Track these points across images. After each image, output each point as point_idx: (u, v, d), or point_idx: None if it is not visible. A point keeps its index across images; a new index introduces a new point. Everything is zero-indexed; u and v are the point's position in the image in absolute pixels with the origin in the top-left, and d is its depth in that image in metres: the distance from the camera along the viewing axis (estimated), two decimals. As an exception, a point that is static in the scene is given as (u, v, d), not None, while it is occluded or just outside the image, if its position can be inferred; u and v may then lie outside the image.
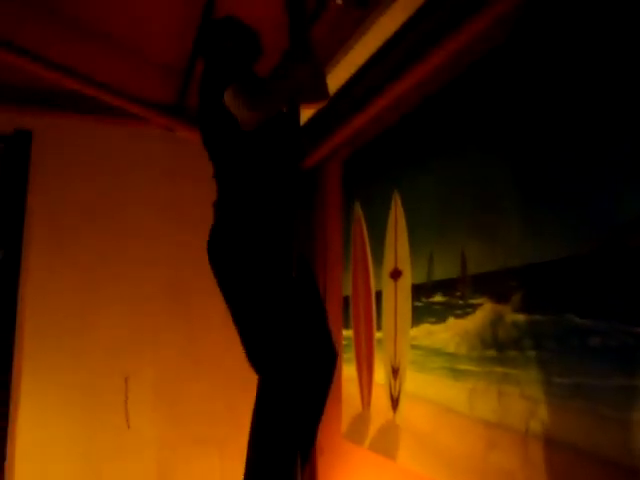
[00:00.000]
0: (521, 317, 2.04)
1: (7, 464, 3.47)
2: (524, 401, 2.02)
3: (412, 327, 2.69)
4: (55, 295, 3.66)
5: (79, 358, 3.66)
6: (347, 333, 3.34)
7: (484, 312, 2.23)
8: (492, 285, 2.20)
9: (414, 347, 2.67)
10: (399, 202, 2.85)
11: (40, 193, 3.70)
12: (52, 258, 3.69)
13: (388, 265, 2.93)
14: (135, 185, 3.87)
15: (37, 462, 3.52)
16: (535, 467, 1.97)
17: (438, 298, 2.52)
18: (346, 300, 3.41)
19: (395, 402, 2.80)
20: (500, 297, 2.15)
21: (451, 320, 2.42)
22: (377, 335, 3.01)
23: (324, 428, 3.53)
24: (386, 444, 2.84)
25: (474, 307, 2.29)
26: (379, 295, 3.02)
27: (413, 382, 2.67)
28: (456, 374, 2.37)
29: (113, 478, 3.63)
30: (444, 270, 2.49)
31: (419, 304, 2.66)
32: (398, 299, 2.83)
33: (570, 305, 1.84)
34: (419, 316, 2.65)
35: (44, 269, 3.66)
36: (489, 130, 2.25)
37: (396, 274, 2.84)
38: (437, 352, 2.51)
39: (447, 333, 2.44)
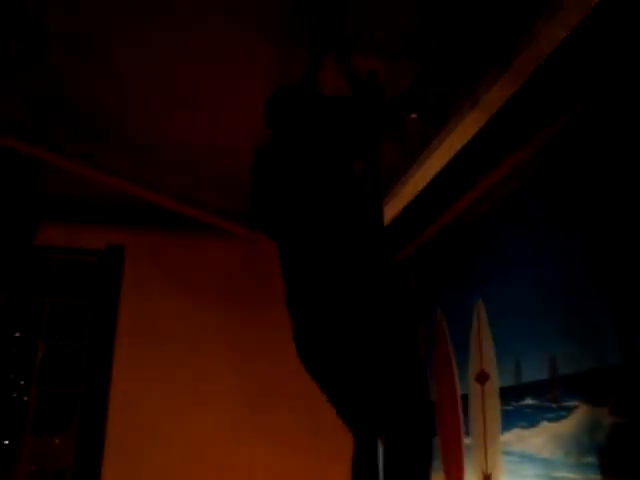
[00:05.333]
0: (620, 420, 1.98)
1: None
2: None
3: (503, 432, 2.63)
4: (139, 413, 3.76)
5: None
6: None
7: (579, 415, 2.18)
8: (586, 387, 2.15)
9: (506, 453, 2.60)
10: (482, 306, 2.86)
11: (131, 307, 3.88)
12: (138, 370, 3.82)
13: (474, 368, 2.90)
14: (223, 298, 4.01)
15: None
16: None
17: (528, 401, 2.47)
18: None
19: (489, 512, 2.69)
20: (596, 399, 2.10)
21: (544, 424, 2.36)
22: (465, 441, 2.94)
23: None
24: None
25: (568, 410, 2.23)
26: (465, 399, 2.98)
27: (507, 490, 2.58)
28: (553, 481, 2.28)
29: None
30: (533, 372, 2.46)
31: (508, 408, 2.61)
32: (486, 403, 2.78)
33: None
34: (509, 420, 2.59)
35: (130, 380, 3.78)
36: (573, 232, 2.28)
37: (483, 377, 2.81)
38: (531, 458, 2.43)
39: (540, 438, 2.37)
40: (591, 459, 2.11)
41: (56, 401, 3.82)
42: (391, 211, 3.39)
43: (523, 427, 2.50)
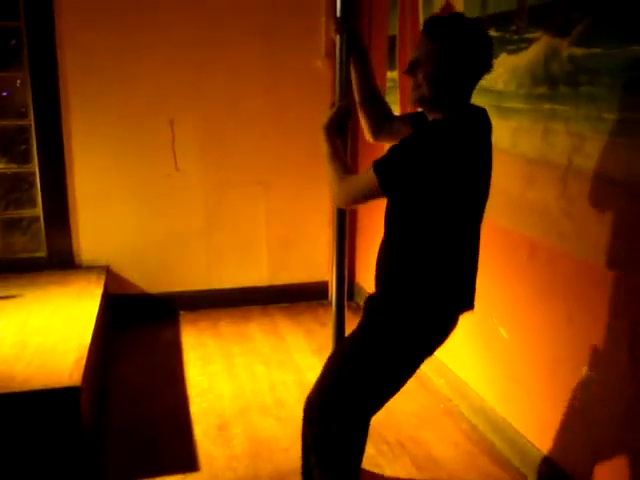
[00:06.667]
0: (579, 51, 1.95)
1: (70, 209, 3.71)
2: (569, 137, 2.01)
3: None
4: (97, 44, 3.59)
5: (126, 104, 3.69)
6: (392, 75, 3.27)
7: (539, 46, 2.14)
8: (552, 17, 2.08)
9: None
10: None
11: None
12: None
13: (439, 1, 2.77)
14: None
15: (96, 205, 3.75)
16: (571, 200, 2.02)
17: (491, 33, 2.40)
18: (392, 40, 3.28)
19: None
20: (559, 30, 2.04)
21: (503, 56, 2.33)
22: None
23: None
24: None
25: (529, 41, 2.19)
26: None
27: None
28: (502, 112, 2.34)
29: (166, 216, 3.87)
30: (500, 2, 2.35)
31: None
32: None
33: (635, 36, 1.73)
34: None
35: (85, 13, 3.55)
36: None
37: (447, 8, 2.69)
38: (485, 90, 2.45)
39: (497, 70, 2.36)
40: (542, 90, 2.14)
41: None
42: None
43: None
